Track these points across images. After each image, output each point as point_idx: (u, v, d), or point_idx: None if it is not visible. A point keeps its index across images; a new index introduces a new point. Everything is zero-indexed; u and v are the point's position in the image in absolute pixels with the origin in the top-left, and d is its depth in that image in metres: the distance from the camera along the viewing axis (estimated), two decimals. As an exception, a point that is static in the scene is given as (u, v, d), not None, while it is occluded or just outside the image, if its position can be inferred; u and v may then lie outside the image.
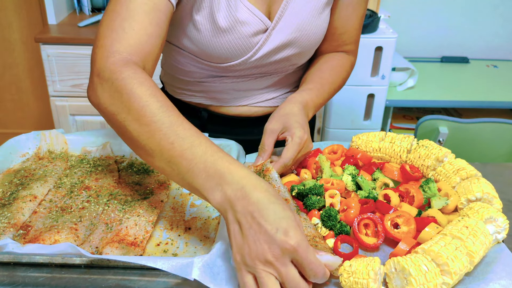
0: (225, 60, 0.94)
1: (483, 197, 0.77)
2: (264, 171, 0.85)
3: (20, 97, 2.69)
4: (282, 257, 0.55)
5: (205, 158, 0.62)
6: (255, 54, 0.94)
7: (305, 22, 0.94)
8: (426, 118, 1.72)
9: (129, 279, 0.69)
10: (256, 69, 0.99)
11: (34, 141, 0.99)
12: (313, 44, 0.99)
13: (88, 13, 2.25)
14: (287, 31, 0.93)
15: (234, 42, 0.90)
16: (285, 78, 1.06)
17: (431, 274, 0.61)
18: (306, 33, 0.95)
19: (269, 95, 1.06)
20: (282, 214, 0.56)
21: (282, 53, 0.96)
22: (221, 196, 0.60)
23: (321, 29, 0.97)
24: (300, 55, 1.00)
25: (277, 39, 0.93)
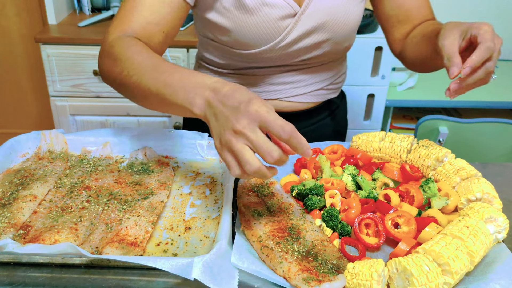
0: (254, 45, 0.94)
1: (483, 197, 0.77)
2: (269, 184, 0.86)
3: (20, 97, 2.69)
4: (249, 125, 0.61)
5: (182, 78, 0.71)
6: (284, 39, 0.93)
7: (335, 6, 0.93)
8: (426, 118, 1.72)
9: (129, 279, 0.68)
10: (287, 58, 0.98)
11: (34, 141, 0.99)
12: (345, 31, 0.97)
13: (88, 13, 2.25)
14: (317, 15, 0.92)
15: (262, 26, 0.91)
16: (317, 72, 1.05)
17: (433, 274, 0.61)
18: (337, 17, 0.94)
19: (300, 90, 1.05)
20: (246, 95, 0.63)
21: (311, 37, 0.95)
22: (200, 100, 0.68)
23: (353, 15, 0.96)
24: (331, 43, 0.98)
25: (307, 24, 0.93)
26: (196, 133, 1.01)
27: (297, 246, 0.71)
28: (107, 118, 2.16)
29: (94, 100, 2.11)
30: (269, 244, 0.71)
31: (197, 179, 0.93)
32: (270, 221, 0.76)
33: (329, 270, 0.67)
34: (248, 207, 0.80)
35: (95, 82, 2.06)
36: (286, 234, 0.73)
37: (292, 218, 0.77)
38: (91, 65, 2.02)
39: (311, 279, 0.64)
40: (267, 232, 0.74)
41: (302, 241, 0.72)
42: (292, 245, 0.71)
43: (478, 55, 0.76)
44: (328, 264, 0.68)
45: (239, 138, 0.62)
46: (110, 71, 0.82)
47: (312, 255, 0.70)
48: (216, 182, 0.92)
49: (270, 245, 0.71)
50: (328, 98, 1.12)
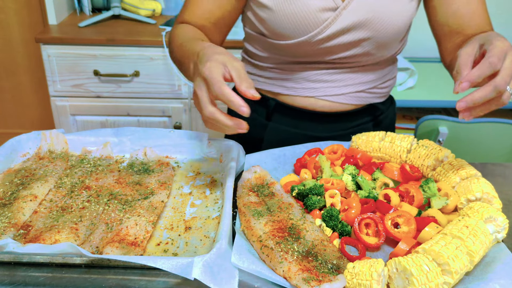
0: (291, 35, 0.94)
1: (483, 197, 0.77)
2: (269, 184, 0.86)
3: (20, 97, 2.69)
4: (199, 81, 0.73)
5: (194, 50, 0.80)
6: (322, 32, 0.92)
7: (381, 4, 0.91)
8: (426, 118, 1.72)
9: (129, 279, 0.69)
10: (325, 54, 0.97)
11: (35, 141, 0.99)
12: (389, 31, 0.94)
13: (88, 13, 2.25)
14: (360, 12, 0.91)
15: (300, 14, 0.90)
16: (358, 73, 1.02)
17: (433, 274, 0.61)
18: (380, 16, 0.91)
19: (338, 90, 1.03)
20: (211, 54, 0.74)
21: (351, 34, 0.93)
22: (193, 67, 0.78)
23: (400, 15, 0.93)
24: (371, 43, 0.95)
25: (347, 19, 0.91)
26: (196, 133, 1.01)
27: (297, 246, 0.71)
28: (107, 118, 2.17)
29: (94, 100, 2.11)
30: (269, 244, 0.71)
31: (197, 179, 0.93)
32: (270, 221, 0.76)
33: (329, 270, 0.67)
34: (248, 207, 0.80)
35: (95, 82, 2.06)
36: (286, 234, 0.73)
37: (292, 218, 0.77)
38: (92, 65, 2.02)
39: (311, 279, 0.64)
40: (267, 232, 0.74)
41: (302, 241, 0.72)
42: (292, 245, 0.71)
43: (478, 69, 0.71)
44: (328, 264, 0.69)
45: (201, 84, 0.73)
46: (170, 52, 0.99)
47: (312, 255, 0.70)
48: (216, 182, 0.92)
49: (270, 245, 0.71)
50: (371, 102, 1.08)
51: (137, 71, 2.03)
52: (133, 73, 2.03)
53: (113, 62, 2.02)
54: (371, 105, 1.09)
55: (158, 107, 2.14)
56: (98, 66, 2.02)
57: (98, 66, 2.02)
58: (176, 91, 2.08)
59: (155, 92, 2.10)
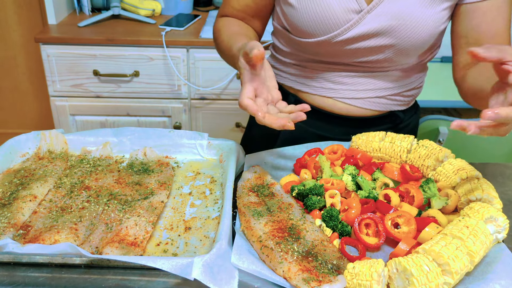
0: (312, 33, 0.93)
1: (483, 197, 0.77)
2: (269, 184, 0.87)
3: (20, 97, 2.69)
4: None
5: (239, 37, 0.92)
6: (342, 33, 0.91)
7: (407, 12, 0.88)
8: (426, 118, 1.72)
9: (129, 279, 0.68)
10: (347, 56, 0.96)
11: (34, 141, 0.99)
12: (414, 40, 0.91)
13: (88, 13, 2.24)
14: (384, 18, 0.89)
15: (322, 14, 0.90)
16: (379, 79, 1.00)
17: (433, 274, 0.61)
18: (405, 23, 0.89)
19: (358, 93, 1.01)
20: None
21: (373, 40, 0.92)
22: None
23: (427, 25, 0.89)
24: (394, 50, 0.93)
25: (370, 24, 0.90)
26: (196, 133, 1.01)
27: (297, 246, 0.71)
28: (107, 118, 2.16)
29: (94, 100, 2.11)
30: (269, 244, 0.71)
31: (197, 179, 0.93)
32: (270, 221, 0.76)
33: (329, 270, 0.67)
34: (248, 207, 0.80)
35: (95, 82, 2.06)
36: (286, 234, 0.73)
37: (292, 218, 0.77)
38: (91, 65, 2.02)
39: (311, 279, 0.64)
40: (267, 232, 0.74)
41: (302, 241, 0.72)
42: (292, 245, 0.71)
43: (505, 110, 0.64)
44: (328, 264, 0.68)
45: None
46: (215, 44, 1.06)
47: (312, 255, 0.70)
48: (216, 182, 0.92)
49: (270, 245, 0.71)
50: (392, 109, 1.05)
51: (136, 71, 2.03)
52: (132, 73, 2.03)
53: (113, 62, 2.02)
54: (391, 113, 1.06)
55: (158, 107, 2.14)
56: (98, 66, 2.02)
57: (97, 66, 2.02)
58: (176, 91, 2.08)
59: (155, 92, 2.09)
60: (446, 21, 0.94)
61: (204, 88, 2.07)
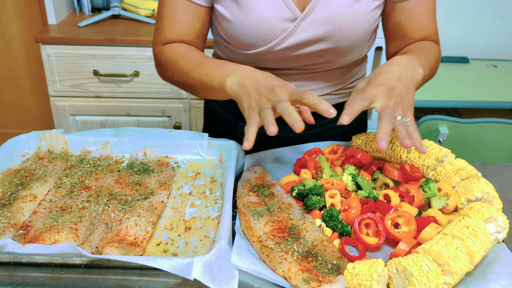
0: (251, 45, 0.94)
1: (483, 197, 0.77)
2: (269, 185, 0.87)
3: (20, 97, 2.69)
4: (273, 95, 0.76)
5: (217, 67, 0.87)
6: (280, 43, 0.92)
7: (342, 15, 0.90)
8: (426, 118, 1.72)
9: (129, 279, 0.68)
10: (289, 62, 0.97)
11: (34, 141, 0.99)
12: (351, 41, 0.94)
13: (88, 13, 2.24)
14: (319, 23, 0.90)
15: (257, 26, 0.90)
16: (323, 78, 1.03)
17: (433, 274, 0.61)
18: (340, 26, 0.91)
19: None
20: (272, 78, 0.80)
21: (313, 46, 0.93)
22: (234, 81, 0.82)
23: (362, 25, 0.93)
24: (334, 52, 0.96)
25: (307, 32, 0.91)
26: (196, 133, 1.01)
27: (297, 246, 0.71)
28: (107, 118, 2.16)
29: (94, 100, 2.11)
30: (269, 244, 0.71)
31: (197, 179, 0.93)
32: (270, 221, 0.76)
33: (329, 270, 0.67)
34: (248, 207, 0.80)
35: (95, 82, 2.06)
36: (286, 234, 0.73)
37: (292, 218, 0.77)
38: (91, 65, 2.02)
39: (311, 279, 0.64)
40: (267, 232, 0.74)
41: (302, 241, 0.72)
42: (292, 245, 0.71)
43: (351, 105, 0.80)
44: (328, 264, 0.68)
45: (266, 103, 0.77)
46: (163, 75, 1.02)
47: (312, 255, 0.70)
48: (216, 182, 0.92)
49: (270, 245, 0.71)
50: (338, 102, 1.09)
51: (136, 71, 2.03)
52: (132, 73, 2.03)
53: (113, 62, 2.02)
54: (339, 104, 1.10)
55: (158, 107, 2.14)
56: (98, 66, 2.02)
57: (97, 66, 2.02)
58: (176, 91, 2.08)
59: (155, 92, 2.09)
60: (378, 18, 0.97)
61: (204, 88, 2.07)
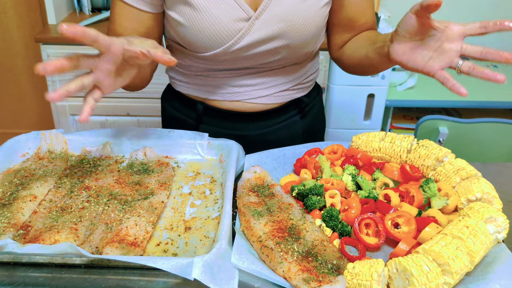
0: (207, 47, 0.94)
1: (483, 197, 0.77)
2: (270, 185, 0.87)
3: (20, 97, 2.69)
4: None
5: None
6: (236, 43, 0.93)
7: (293, 13, 0.92)
8: (426, 118, 1.72)
9: (129, 279, 0.68)
10: (246, 61, 0.98)
11: (34, 141, 0.99)
12: (305, 37, 0.96)
13: (88, 13, 2.24)
14: (273, 21, 0.91)
15: (212, 28, 0.90)
16: (279, 75, 1.05)
17: (433, 274, 0.61)
18: (293, 24, 0.92)
19: (262, 92, 1.05)
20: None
21: (268, 44, 0.95)
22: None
23: (314, 21, 0.95)
24: (289, 49, 0.97)
25: (261, 30, 0.92)
26: (196, 133, 1.01)
27: (297, 246, 0.71)
28: (107, 118, 2.16)
29: (94, 100, 2.11)
30: (269, 244, 0.71)
31: (197, 179, 0.93)
32: (270, 221, 0.76)
33: (329, 270, 0.67)
34: (248, 207, 0.80)
35: (95, 82, 2.06)
36: (286, 234, 0.73)
37: (292, 218, 0.77)
38: (91, 65, 2.02)
39: (311, 280, 0.64)
40: (267, 232, 0.74)
41: (302, 241, 0.72)
42: (292, 245, 0.71)
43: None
44: (328, 264, 0.68)
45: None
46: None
47: (312, 255, 0.70)
48: (216, 182, 0.92)
49: (270, 245, 0.71)
50: (295, 97, 1.11)
51: (136, 71, 2.03)
52: (132, 73, 2.03)
53: (113, 62, 2.02)
54: (296, 100, 1.11)
55: (158, 107, 2.13)
56: (98, 66, 2.02)
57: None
58: (176, 91, 2.08)
59: (155, 92, 2.09)
60: (327, 14, 1.00)
61: (204, 88, 2.07)
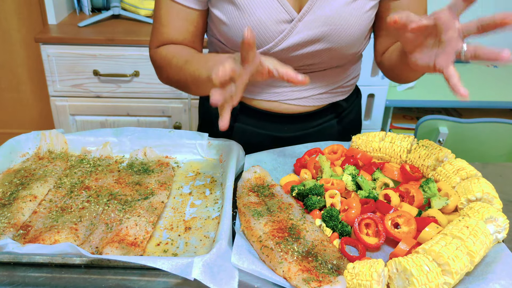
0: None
1: (483, 197, 0.77)
2: (270, 186, 0.87)
3: (20, 97, 2.69)
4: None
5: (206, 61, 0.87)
6: (278, 44, 0.92)
7: (337, 16, 0.90)
8: (426, 118, 1.72)
9: (129, 279, 0.68)
10: (286, 63, 0.94)
11: (34, 141, 0.99)
12: (348, 41, 0.94)
13: (88, 13, 2.24)
14: (316, 24, 0.90)
15: (254, 29, 0.90)
16: (319, 78, 1.03)
17: (433, 274, 0.61)
18: (337, 28, 0.91)
19: (301, 93, 1.03)
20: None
21: (310, 47, 0.94)
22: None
23: (358, 26, 0.93)
24: (331, 52, 0.96)
25: (304, 33, 0.91)
26: (196, 133, 1.01)
27: (297, 246, 0.71)
28: (107, 118, 2.16)
29: (94, 100, 2.11)
30: (269, 244, 0.71)
31: (197, 179, 0.93)
32: (270, 221, 0.76)
33: (329, 270, 0.67)
34: (248, 207, 0.80)
35: (95, 82, 2.06)
36: (286, 234, 0.73)
37: (292, 218, 0.77)
38: (91, 65, 2.02)
39: (311, 280, 0.64)
40: (267, 232, 0.74)
41: (302, 241, 0.72)
42: (292, 245, 0.71)
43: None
44: (328, 264, 0.68)
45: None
46: (160, 77, 1.02)
47: (312, 255, 0.70)
48: (216, 182, 0.92)
49: (270, 245, 0.71)
50: (333, 101, 1.09)
51: (136, 71, 2.03)
52: (132, 73, 2.03)
53: (113, 62, 2.02)
54: (334, 103, 1.10)
55: (158, 107, 2.14)
56: (98, 66, 2.02)
57: (97, 66, 2.02)
58: (176, 91, 2.08)
59: (155, 92, 2.09)
60: (373, 18, 0.97)
61: (204, 88, 2.07)
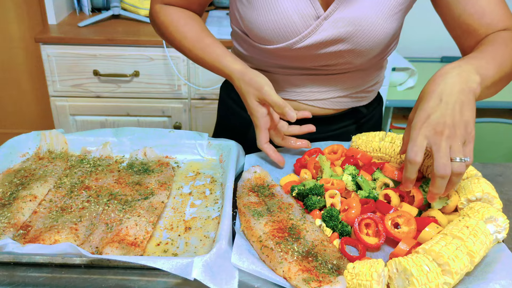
0: (272, 41, 0.93)
1: (483, 197, 0.77)
2: (270, 186, 0.87)
3: (20, 97, 2.69)
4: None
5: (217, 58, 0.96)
6: (301, 40, 0.91)
7: (363, 17, 0.88)
8: (426, 118, 1.72)
9: (129, 279, 0.68)
10: (308, 61, 0.97)
11: (34, 141, 0.99)
12: (371, 43, 0.92)
13: (88, 13, 2.24)
14: (341, 23, 0.89)
15: (280, 22, 0.89)
16: (341, 80, 1.01)
17: (433, 274, 0.61)
18: (361, 28, 0.89)
19: (320, 95, 1.02)
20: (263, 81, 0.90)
21: (333, 47, 0.92)
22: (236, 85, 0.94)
23: (383, 29, 0.90)
24: (354, 54, 0.94)
25: (328, 31, 0.90)
26: (196, 133, 1.01)
27: (297, 246, 0.71)
28: (107, 118, 2.16)
29: (94, 100, 2.11)
30: (269, 244, 0.71)
31: (197, 179, 0.93)
32: (270, 221, 0.76)
33: (329, 270, 0.67)
34: (248, 207, 0.80)
35: (95, 82, 2.06)
36: (286, 234, 0.73)
37: (292, 218, 0.77)
38: (91, 65, 2.02)
39: (311, 280, 0.64)
40: (267, 232, 0.74)
41: (302, 241, 0.72)
42: (292, 245, 0.71)
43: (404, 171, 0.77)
44: (328, 264, 0.68)
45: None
46: (161, 34, 1.06)
47: (312, 255, 0.70)
48: (216, 182, 0.92)
49: (270, 245, 0.71)
50: (354, 106, 1.08)
51: (136, 71, 2.03)
52: (132, 73, 2.03)
53: (113, 62, 2.02)
54: (354, 109, 1.08)
55: (158, 107, 2.14)
56: (98, 66, 2.02)
57: (97, 66, 2.02)
58: (176, 91, 2.08)
59: (154, 92, 2.10)
60: (400, 22, 0.95)
61: (204, 88, 2.07)
